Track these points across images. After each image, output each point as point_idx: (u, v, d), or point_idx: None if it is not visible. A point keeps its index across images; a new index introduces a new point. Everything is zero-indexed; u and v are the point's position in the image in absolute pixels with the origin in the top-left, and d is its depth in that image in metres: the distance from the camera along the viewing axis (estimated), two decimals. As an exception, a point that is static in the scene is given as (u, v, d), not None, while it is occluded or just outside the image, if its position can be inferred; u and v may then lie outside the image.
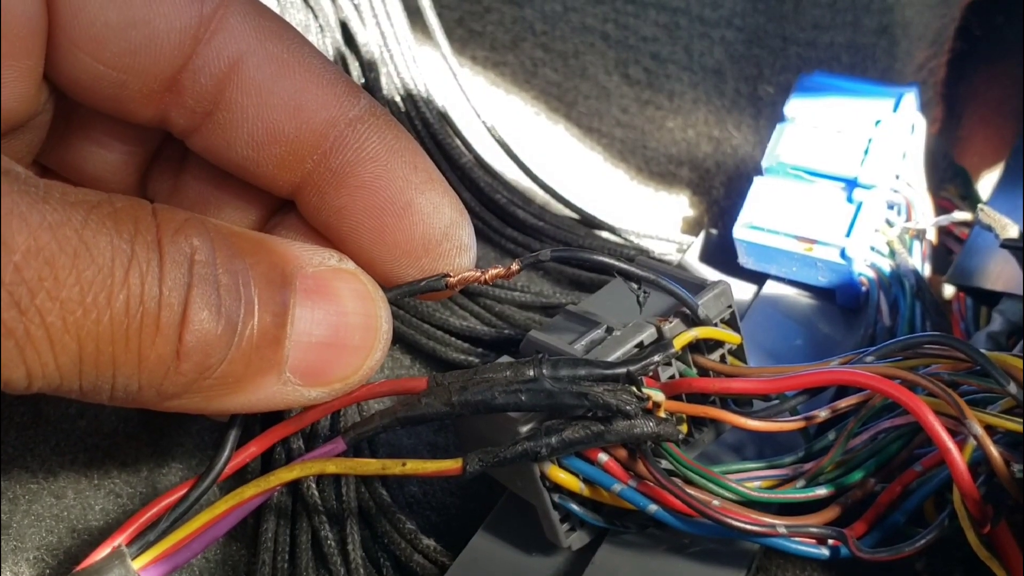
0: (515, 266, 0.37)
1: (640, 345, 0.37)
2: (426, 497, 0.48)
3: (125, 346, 0.29)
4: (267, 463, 0.46)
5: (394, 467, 0.35)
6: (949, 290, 0.53)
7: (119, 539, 0.33)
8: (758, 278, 0.55)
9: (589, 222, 0.61)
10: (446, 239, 0.37)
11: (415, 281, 0.37)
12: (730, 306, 0.39)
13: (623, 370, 0.34)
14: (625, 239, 0.60)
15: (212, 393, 0.31)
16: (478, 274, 0.37)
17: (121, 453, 0.48)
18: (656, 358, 0.35)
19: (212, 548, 0.46)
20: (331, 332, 0.33)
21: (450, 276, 0.37)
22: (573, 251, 0.38)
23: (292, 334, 0.32)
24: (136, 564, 0.32)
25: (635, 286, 0.36)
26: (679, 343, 0.36)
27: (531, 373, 0.34)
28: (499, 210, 0.60)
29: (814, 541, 0.35)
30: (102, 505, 0.47)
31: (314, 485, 0.45)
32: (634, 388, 0.34)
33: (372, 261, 0.36)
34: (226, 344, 0.30)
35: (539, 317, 0.53)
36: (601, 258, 0.36)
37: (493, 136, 0.63)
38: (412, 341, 0.53)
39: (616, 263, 0.36)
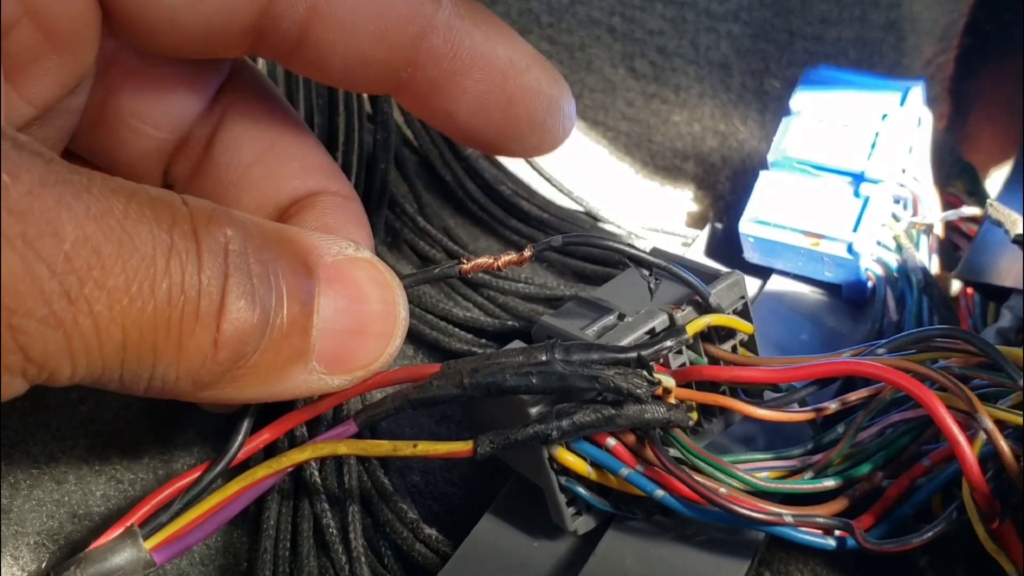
0: (528, 252, 0.37)
1: (652, 332, 0.37)
2: (428, 486, 0.48)
3: (167, 335, 0.29)
4: (269, 451, 0.45)
5: (405, 448, 0.35)
6: (955, 286, 0.53)
7: (131, 519, 0.33)
8: (763, 273, 0.55)
9: (594, 215, 0.60)
10: (550, 115, 0.38)
11: (428, 269, 0.38)
12: (742, 297, 0.39)
13: (634, 354, 0.34)
14: (630, 232, 0.59)
15: (244, 383, 0.31)
16: (491, 261, 0.37)
17: (123, 439, 0.48)
18: (669, 343, 0.35)
19: (214, 535, 0.46)
20: (353, 320, 0.33)
21: (463, 263, 0.37)
22: (586, 238, 0.38)
23: (318, 323, 0.32)
24: (148, 544, 0.32)
25: (646, 273, 0.36)
26: (692, 329, 0.36)
27: (543, 357, 0.34)
28: (504, 201, 0.59)
29: (821, 531, 0.35)
30: (103, 491, 0.46)
31: (317, 472, 0.44)
32: (645, 372, 0.33)
33: (483, 145, 0.39)
34: (260, 333, 0.31)
35: (543, 309, 0.53)
36: (613, 244, 0.37)
37: (498, 127, 0.62)
38: (415, 331, 0.53)
39: (628, 249, 0.36)
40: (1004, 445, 0.32)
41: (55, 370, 0.28)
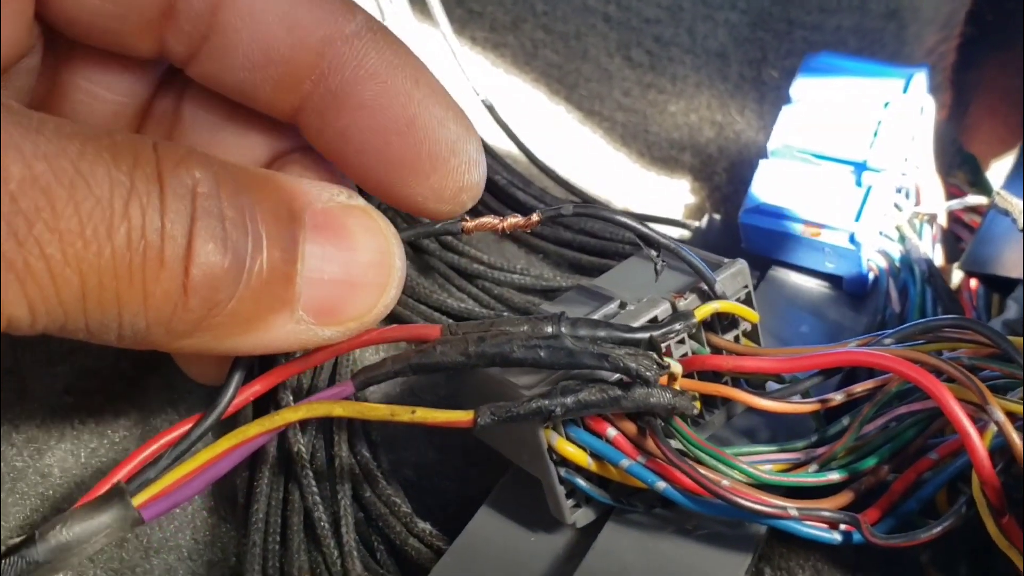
0: (535, 217, 0.36)
1: (654, 320, 0.36)
2: (421, 480, 0.48)
3: (129, 281, 0.28)
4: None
5: (403, 414, 0.33)
6: (956, 277, 0.52)
7: (118, 476, 0.32)
8: (762, 263, 0.54)
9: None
10: (453, 154, 0.35)
11: (430, 223, 0.36)
12: (746, 286, 0.38)
13: (645, 335, 0.33)
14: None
15: (223, 332, 0.30)
16: (496, 221, 0.36)
17: (109, 431, 0.47)
18: (677, 326, 0.34)
19: (201, 529, 0.45)
20: (343, 269, 0.32)
21: (467, 220, 0.36)
22: (595, 209, 0.37)
23: (303, 271, 0.31)
24: (135, 501, 0.31)
25: (653, 254, 0.35)
26: (700, 314, 0.35)
27: (550, 330, 0.33)
28: (498, 191, 0.59)
29: (826, 525, 0.34)
30: (90, 485, 0.45)
31: (309, 465, 0.44)
32: (655, 355, 0.33)
33: (380, 182, 0.36)
34: (234, 279, 0.30)
35: (539, 300, 0.53)
36: (623, 219, 0.36)
37: (493, 117, 0.62)
38: (408, 322, 0.52)
39: (637, 226, 0.35)
40: (1016, 438, 0.31)
41: (13, 316, 0.27)
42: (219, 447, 0.33)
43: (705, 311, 0.36)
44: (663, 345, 0.34)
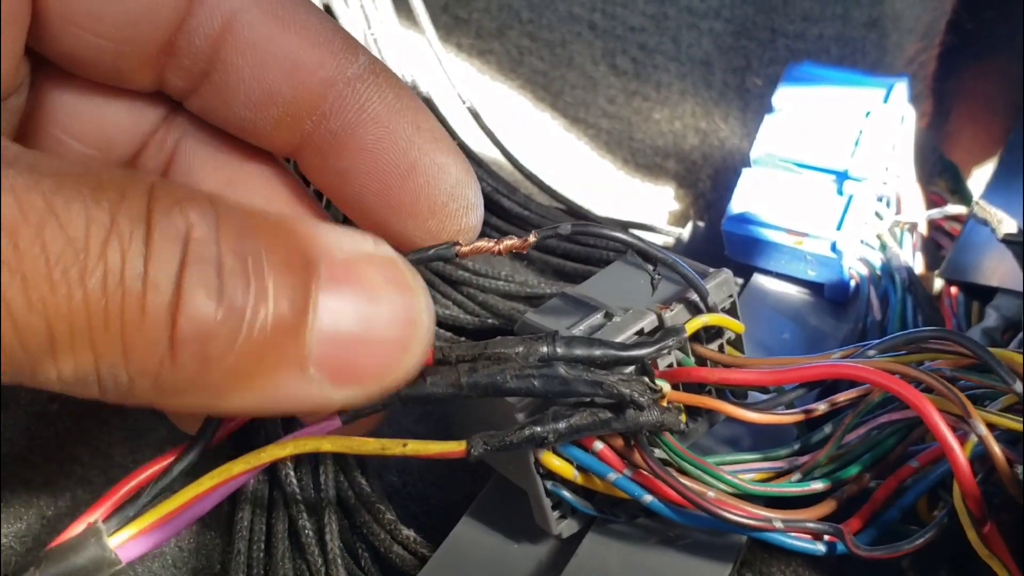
0: (532, 237, 0.35)
1: (640, 332, 0.36)
2: (406, 487, 0.48)
3: (104, 330, 0.25)
4: (243, 443, 0.45)
5: (394, 447, 0.32)
6: (937, 285, 0.53)
7: (95, 513, 0.30)
8: (745, 271, 0.54)
9: (574, 213, 0.60)
10: (452, 200, 0.36)
11: (423, 249, 0.35)
12: (731, 295, 0.39)
13: (639, 353, 0.33)
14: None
15: (221, 390, 0.28)
16: (491, 244, 0.35)
17: (93, 439, 0.47)
18: (669, 342, 0.34)
19: (186, 536, 0.45)
20: (363, 324, 0.29)
21: (460, 245, 0.35)
22: (592, 227, 0.37)
23: (315, 325, 0.28)
24: (113, 541, 0.29)
25: (651, 267, 0.36)
26: (691, 328, 0.35)
27: (545, 350, 0.32)
28: (484, 198, 0.59)
29: (810, 536, 0.35)
30: (72, 492, 0.46)
31: (292, 472, 0.44)
32: (647, 379, 0.33)
33: (378, 223, 0.35)
34: (230, 332, 0.27)
35: (523, 307, 0.53)
36: (621, 235, 0.35)
37: (478, 124, 0.62)
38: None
39: (635, 241, 0.35)
40: (998, 450, 0.31)
41: None
42: (202, 485, 0.31)
43: (695, 325, 0.36)
44: (663, 353, 0.34)
